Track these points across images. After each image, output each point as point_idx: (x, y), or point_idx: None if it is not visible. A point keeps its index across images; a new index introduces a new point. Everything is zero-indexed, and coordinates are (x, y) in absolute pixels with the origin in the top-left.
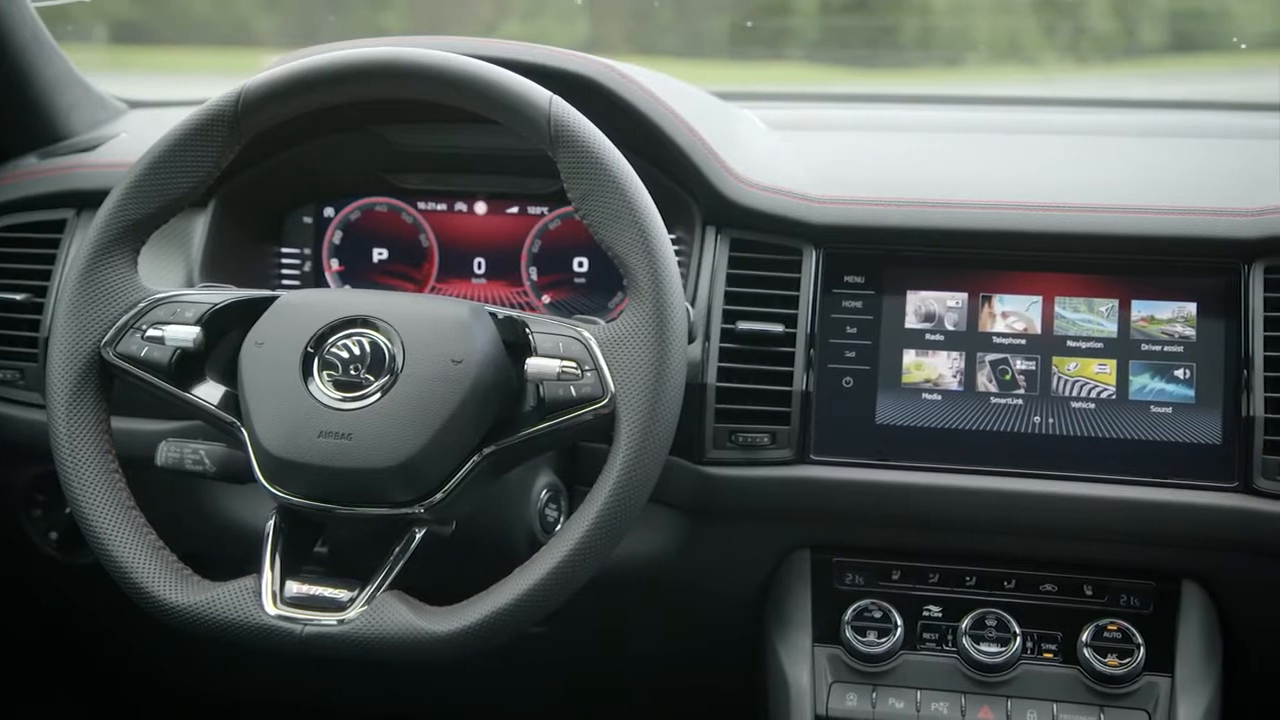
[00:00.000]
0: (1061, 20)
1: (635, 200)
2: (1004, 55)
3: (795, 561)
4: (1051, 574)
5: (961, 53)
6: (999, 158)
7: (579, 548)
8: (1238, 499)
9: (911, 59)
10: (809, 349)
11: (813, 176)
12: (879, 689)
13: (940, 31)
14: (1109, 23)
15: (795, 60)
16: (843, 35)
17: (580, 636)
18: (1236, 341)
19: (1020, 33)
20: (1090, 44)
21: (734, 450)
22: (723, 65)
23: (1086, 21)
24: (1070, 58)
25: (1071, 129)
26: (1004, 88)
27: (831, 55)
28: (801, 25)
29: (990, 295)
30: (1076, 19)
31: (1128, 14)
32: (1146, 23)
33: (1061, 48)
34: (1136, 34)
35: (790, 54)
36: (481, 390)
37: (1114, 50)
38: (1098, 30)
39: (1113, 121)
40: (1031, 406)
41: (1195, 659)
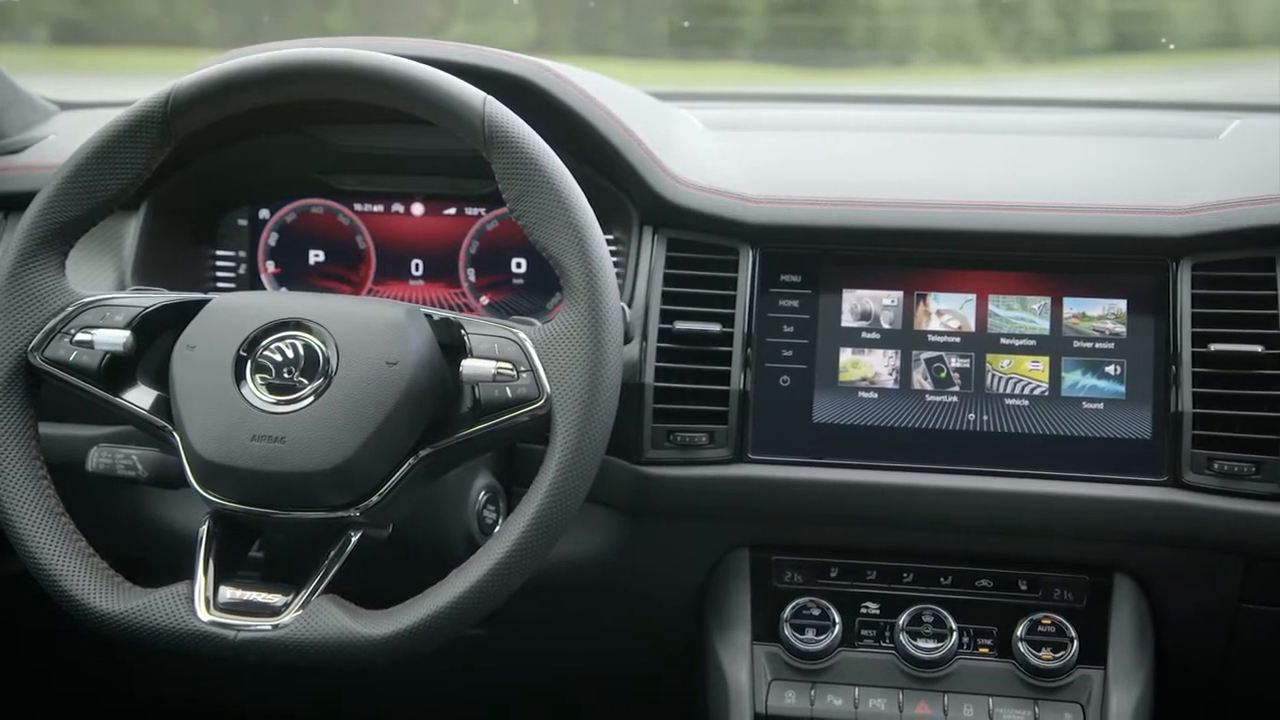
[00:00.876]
0: (1006, 21)
1: (570, 201)
2: (950, 55)
3: (734, 560)
4: (987, 569)
5: (908, 53)
6: (937, 157)
7: (515, 549)
8: (1167, 493)
9: (858, 59)
10: (746, 348)
11: (750, 176)
12: (817, 686)
13: (887, 32)
14: (1053, 23)
15: (742, 60)
16: (790, 35)
17: (520, 638)
18: (1165, 338)
19: (966, 33)
20: (1035, 44)
21: (672, 450)
22: (670, 65)
23: (1031, 22)
24: (1015, 58)
25: (1011, 128)
26: (948, 88)
27: (779, 55)
28: (749, 25)
29: (925, 293)
30: (1021, 20)
31: (1071, 15)
32: (1089, 23)
33: (1007, 48)
34: (1079, 34)
35: (738, 54)
36: (417, 392)
37: (1058, 50)
38: (1042, 31)
39: (1051, 121)
40: (966, 404)
41: (1127, 651)
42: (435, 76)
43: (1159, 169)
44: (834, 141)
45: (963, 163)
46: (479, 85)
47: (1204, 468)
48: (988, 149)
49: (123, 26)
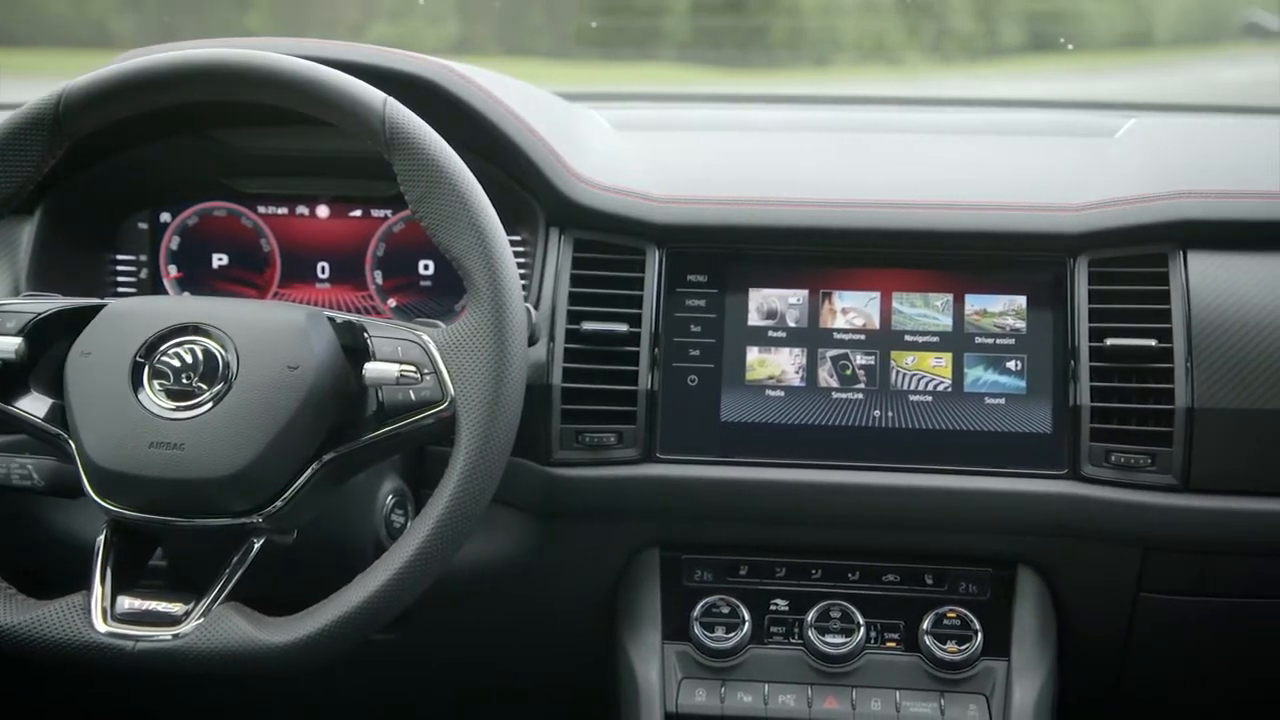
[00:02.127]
0: (925, 21)
1: (472, 202)
2: (871, 55)
3: (644, 560)
4: (894, 564)
5: (829, 53)
6: (844, 156)
7: (420, 552)
8: (1067, 486)
9: (781, 59)
10: (653, 348)
11: (656, 176)
12: (727, 684)
13: (808, 32)
14: (971, 24)
15: (667, 61)
16: (713, 35)
17: (432, 641)
18: (1064, 333)
19: (886, 33)
20: (953, 44)
21: (580, 451)
22: (593, 66)
23: (949, 23)
24: (935, 58)
25: (918, 128)
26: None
27: (702, 55)
28: (672, 26)
29: (830, 292)
30: (940, 20)
31: (988, 15)
32: (1006, 24)
33: (926, 48)
34: (997, 35)
35: (662, 54)
36: (319, 396)
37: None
38: (960, 31)
39: (957, 120)
40: (871, 400)
41: (1030, 642)
42: (334, 77)
43: (1057, 167)
44: (743, 141)
45: (868, 162)
46: (380, 86)
47: (1102, 460)
48: (894, 148)
49: (33, 26)
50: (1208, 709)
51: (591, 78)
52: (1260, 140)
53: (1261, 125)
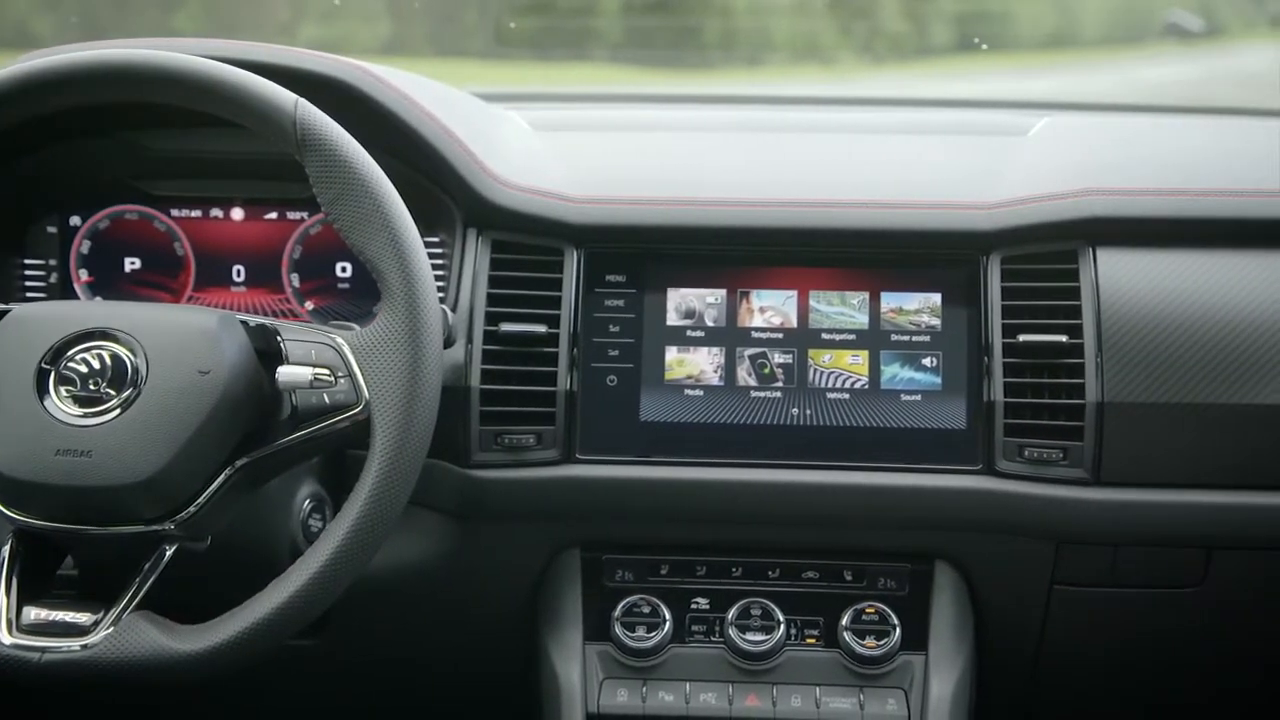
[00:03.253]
0: (856, 22)
1: (385, 204)
2: (803, 56)
3: (565, 561)
4: (813, 561)
5: (762, 53)
6: (764, 156)
7: (335, 557)
8: (982, 480)
9: (714, 59)
10: (572, 349)
11: (574, 177)
12: (649, 683)
13: (741, 32)
14: (901, 24)
15: (600, 61)
16: (646, 36)
17: (354, 645)
18: (978, 330)
19: (818, 34)
20: (884, 45)
21: (500, 452)
22: (526, 66)
23: (880, 23)
24: (866, 58)
25: (841, 127)
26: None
27: (636, 56)
28: (605, 26)
29: (748, 291)
30: (871, 21)
31: (919, 16)
32: (937, 24)
33: (857, 48)
34: (927, 35)
35: (595, 54)
36: (231, 401)
37: (907, 50)
38: (891, 31)
39: (876, 119)
40: (790, 399)
41: (947, 636)
42: (243, 78)
43: (971, 166)
44: (664, 142)
45: (786, 161)
46: (293, 87)
47: (1015, 455)
48: (813, 147)
49: None
50: (1122, 698)
51: (524, 78)
52: (1170, 138)
53: (1173, 123)
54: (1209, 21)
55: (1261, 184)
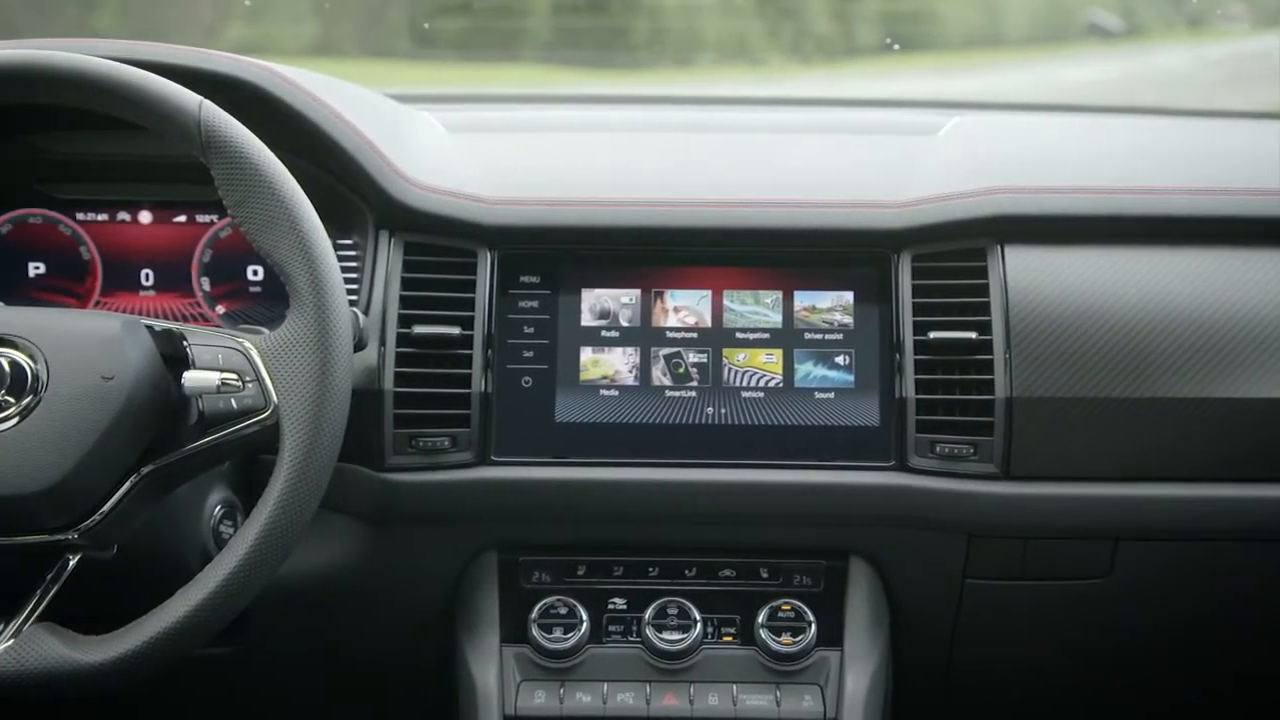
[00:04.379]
0: (784, 22)
1: (292, 206)
2: (732, 56)
3: (482, 563)
4: (730, 560)
5: (691, 53)
6: (680, 156)
7: (244, 564)
8: (895, 477)
9: (644, 60)
10: (487, 350)
11: (488, 178)
12: (566, 684)
13: (671, 32)
14: (828, 25)
15: (529, 61)
16: (575, 36)
17: (271, 651)
18: (889, 327)
19: (747, 34)
20: (812, 45)
21: (415, 455)
22: (455, 67)
23: (808, 24)
24: (794, 58)
25: (758, 126)
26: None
27: (565, 56)
28: (535, 26)
29: (662, 291)
30: (798, 21)
31: (845, 16)
32: (862, 24)
33: (785, 49)
34: (854, 35)
35: (524, 55)
36: (136, 407)
37: (834, 51)
38: (818, 32)
39: (791, 119)
40: (705, 398)
41: (862, 631)
42: (145, 79)
43: (882, 165)
44: (581, 142)
45: (701, 161)
46: (198, 88)
47: (927, 451)
48: (729, 147)
49: None
50: (1034, 690)
51: (453, 79)
52: (1080, 137)
53: (1083, 122)
54: (1129, 22)
55: (1169, 181)
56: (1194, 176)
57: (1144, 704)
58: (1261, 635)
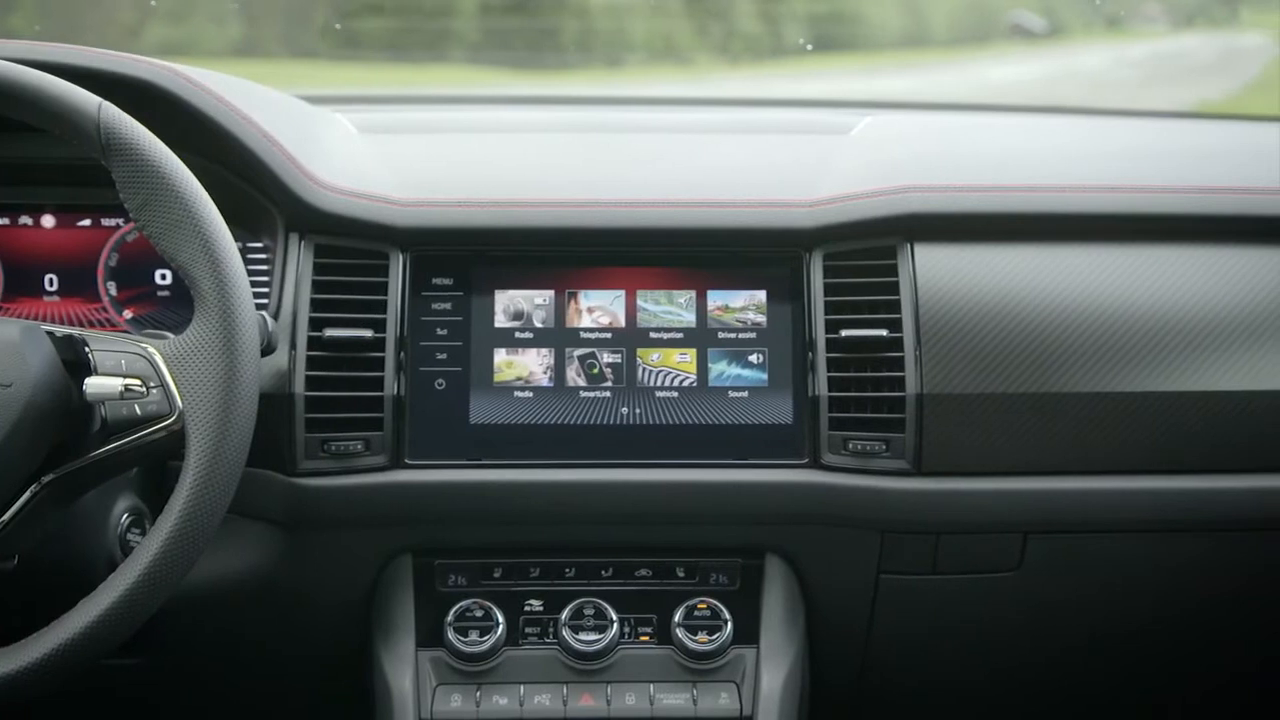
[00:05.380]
0: (713, 23)
1: (196, 209)
2: (661, 56)
3: (397, 567)
4: (646, 559)
5: (621, 54)
6: (594, 157)
7: (149, 572)
8: (809, 474)
9: (573, 60)
10: (399, 353)
11: (400, 179)
12: (483, 688)
13: (600, 33)
14: (756, 25)
15: (457, 62)
16: (504, 37)
17: (184, 660)
18: (802, 326)
19: (675, 35)
20: (740, 45)
21: (327, 460)
22: (382, 68)
23: (736, 24)
24: (723, 59)
25: (677, 127)
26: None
27: (493, 57)
28: (463, 27)
29: (576, 291)
30: (727, 22)
31: (773, 17)
32: (791, 25)
33: (714, 49)
34: (782, 36)
35: (452, 56)
36: (36, 414)
37: (762, 51)
38: (746, 32)
39: (707, 119)
40: (619, 398)
41: (778, 628)
42: (42, 80)
43: (795, 164)
44: (496, 143)
45: (615, 162)
46: (98, 90)
47: (840, 448)
48: (644, 147)
49: None
50: (950, 682)
51: (380, 80)
52: (991, 136)
53: (995, 122)
54: (1051, 22)
55: (1076, 179)
56: (1103, 174)
57: (1056, 695)
58: (1169, 626)
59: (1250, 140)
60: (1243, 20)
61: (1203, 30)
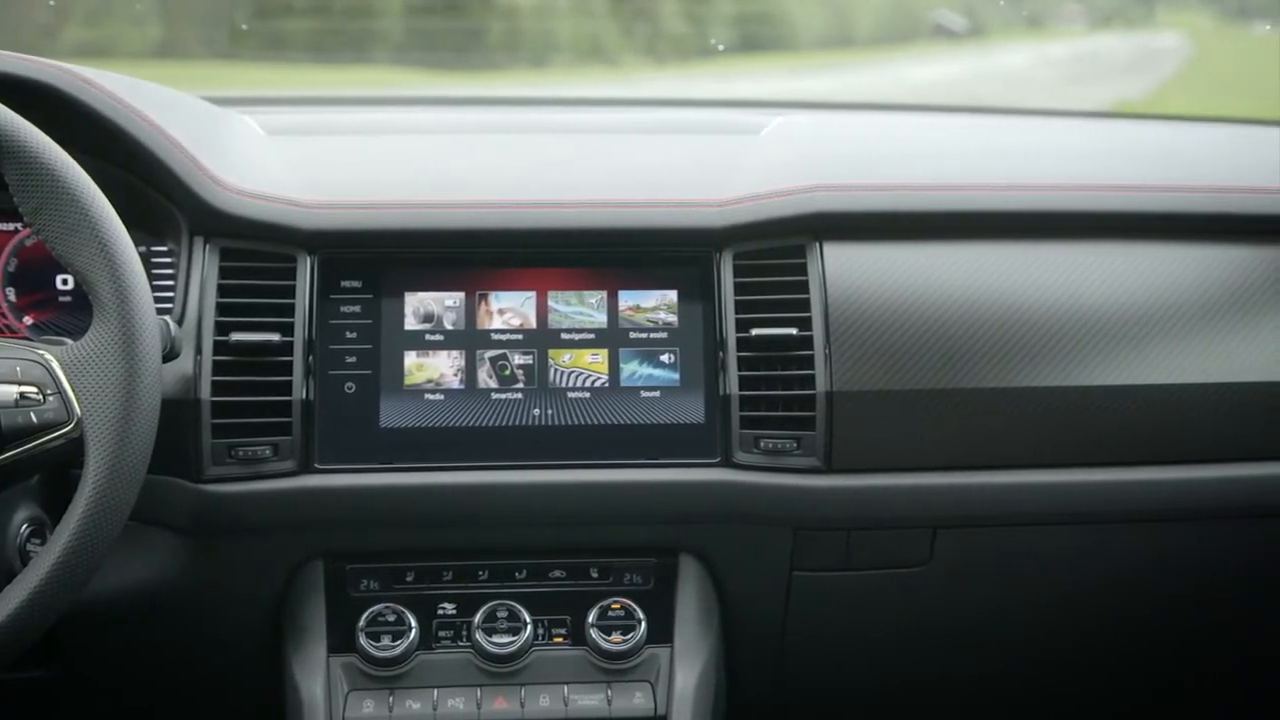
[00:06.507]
0: (639, 24)
1: (93, 212)
2: (587, 57)
3: (308, 573)
4: (560, 560)
5: (547, 55)
6: (509, 158)
7: (46, 582)
8: (721, 473)
9: (500, 61)
10: (308, 357)
11: (307, 181)
12: (396, 693)
13: (526, 34)
14: (682, 26)
15: (382, 63)
16: (430, 38)
17: (92, 673)
18: (713, 325)
19: (602, 36)
20: (666, 46)
21: (234, 465)
22: (305, 70)
23: (662, 25)
24: (649, 59)
25: (591, 127)
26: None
27: (418, 58)
28: (389, 28)
29: (487, 293)
30: (653, 23)
31: (699, 18)
32: (717, 26)
33: (641, 50)
34: (708, 36)
35: (377, 57)
36: None
37: (688, 51)
38: (672, 33)
39: (628, 119)
40: (531, 399)
41: (692, 627)
42: None
43: (706, 164)
44: (406, 145)
45: (527, 162)
46: None
47: (752, 446)
48: (557, 148)
49: None
50: (865, 678)
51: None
52: (904, 135)
53: (905, 121)
54: (972, 22)
55: (984, 178)
56: (1014, 173)
57: (967, 687)
58: (1079, 617)
59: (1166, 138)
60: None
61: (1120, 30)
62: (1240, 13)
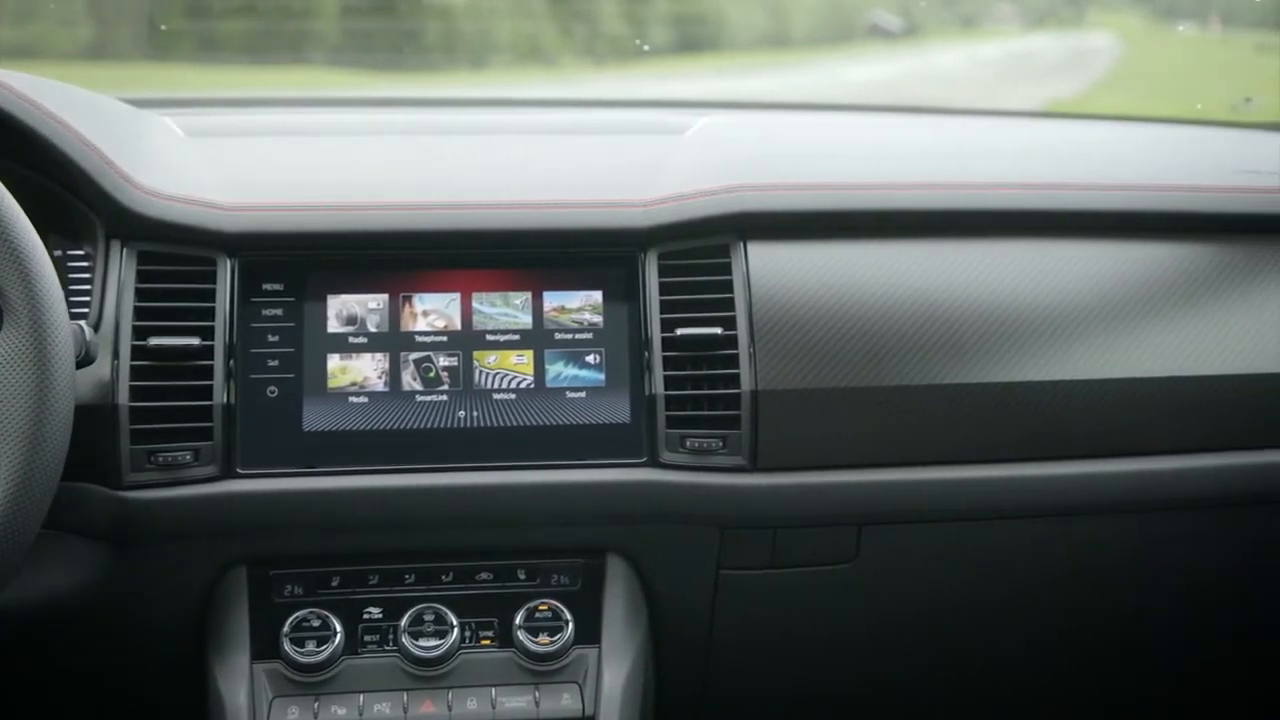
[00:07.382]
0: (577, 24)
1: (1, 215)
2: (525, 58)
3: (231, 579)
4: (487, 563)
5: (485, 55)
6: (433, 159)
7: None
8: (647, 473)
9: (437, 62)
10: (229, 360)
11: (227, 183)
12: (321, 698)
13: (464, 35)
14: (620, 26)
15: (317, 64)
16: (366, 39)
17: (10, 686)
18: (638, 325)
19: (540, 36)
20: (605, 46)
21: (155, 471)
22: (239, 70)
23: (600, 25)
24: (588, 59)
25: (517, 128)
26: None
27: (354, 59)
28: (324, 28)
29: (411, 295)
30: (591, 23)
31: (637, 18)
32: (655, 26)
33: (579, 50)
34: (646, 37)
35: (312, 58)
36: None
37: (627, 52)
38: (611, 33)
39: (547, 120)
40: (456, 401)
41: (619, 627)
42: None
43: (631, 164)
44: (330, 147)
45: (453, 164)
46: None
47: (678, 446)
48: (482, 149)
49: None
50: (793, 676)
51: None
52: (826, 136)
53: (832, 121)
54: (908, 22)
55: (908, 177)
56: (939, 172)
57: (897, 691)
58: (1009, 618)
59: (1094, 138)
60: (1090, 21)
61: (1053, 30)
62: (1169, 13)
